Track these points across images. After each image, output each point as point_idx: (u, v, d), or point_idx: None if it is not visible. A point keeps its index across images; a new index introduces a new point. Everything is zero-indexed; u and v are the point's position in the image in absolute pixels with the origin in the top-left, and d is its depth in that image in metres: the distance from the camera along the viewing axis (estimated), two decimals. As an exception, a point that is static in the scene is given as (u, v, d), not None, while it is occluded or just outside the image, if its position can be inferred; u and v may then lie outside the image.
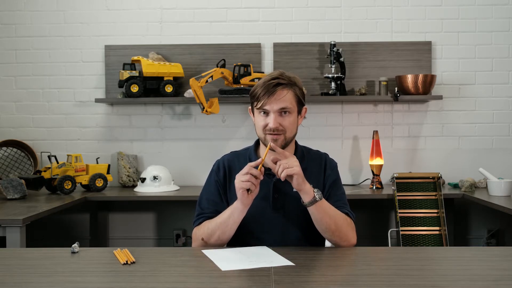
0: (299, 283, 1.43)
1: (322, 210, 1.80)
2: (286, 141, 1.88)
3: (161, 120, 3.87)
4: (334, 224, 1.82)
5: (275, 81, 1.85)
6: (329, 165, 1.99)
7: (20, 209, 2.78)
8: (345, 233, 1.85)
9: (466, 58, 3.83)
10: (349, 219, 1.90)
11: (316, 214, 1.80)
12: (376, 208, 3.81)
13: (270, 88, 1.84)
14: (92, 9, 3.84)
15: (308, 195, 1.78)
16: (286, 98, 1.85)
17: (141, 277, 1.49)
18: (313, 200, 1.78)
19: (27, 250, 1.88)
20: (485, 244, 3.78)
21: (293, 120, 1.89)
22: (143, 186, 3.53)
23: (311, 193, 1.78)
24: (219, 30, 3.84)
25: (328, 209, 1.82)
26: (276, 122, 1.85)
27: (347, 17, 3.84)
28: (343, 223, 1.85)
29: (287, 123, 1.86)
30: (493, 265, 1.63)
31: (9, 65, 3.85)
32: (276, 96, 1.84)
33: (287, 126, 1.86)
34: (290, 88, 1.87)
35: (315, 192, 1.79)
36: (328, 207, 1.83)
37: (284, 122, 1.86)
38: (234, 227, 1.85)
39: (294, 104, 1.88)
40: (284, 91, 1.85)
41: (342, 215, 1.87)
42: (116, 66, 3.77)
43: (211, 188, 1.99)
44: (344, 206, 1.93)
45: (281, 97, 1.84)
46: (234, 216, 1.83)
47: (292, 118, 1.88)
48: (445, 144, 3.85)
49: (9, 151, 3.69)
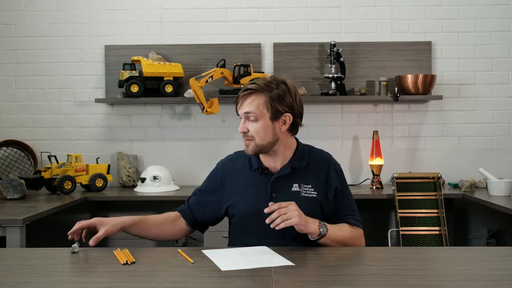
0: (299, 283, 1.43)
1: (330, 240, 1.83)
2: (258, 147, 1.89)
3: (161, 120, 3.87)
4: (344, 244, 1.87)
5: (248, 86, 1.88)
6: (334, 168, 1.99)
7: (20, 209, 2.78)
8: (355, 245, 1.90)
9: (466, 58, 3.83)
10: (357, 230, 1.93)
11: (325, 244, 1.84)
12: (376, 208, 3.81)
13: (240, 93, 1.89)
14: (92, 9, 3.84)
15: (314, 233, 1.80)
16: (252, 104, 1.86)
17: (141, 277, 1.49)
18: (320, 237, 1.81)
19: (27, 250, 1.87)
20: (485, 244, 3.78)
21: (261, 126, 1.86)
22: (143, 186, 3.53)
23: (317, 231, 1.80)
24: (219, 30, 3.84)
25: (335, 236, 1.84)
26: (243, 126, 1.89)
27: (347, 17, 3.84)
28: (352, 240, 1.89)
29: (253, 129, 1.87)
30: (493, 265, 1.63)
31: (9, 65, 3.85)
32: (243, 100, 1.88)
33: (253, 131, 1.87)
34: (262, 94, 1.86)
35: (320, 227, 1.80)
36: (335, 233, 1.85)
37: (250, 128, 1.88)
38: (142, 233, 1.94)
39: (261, 110, 1.86)
40: (251, 97, 1.87)
41: (349, 232, 1.90)
42: (116, 66, 3.77)
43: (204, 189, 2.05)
44: (352, 215, 1.96)
45: (246, 103, 1.87)
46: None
47: (259, 124, 1.87)
48: (445, 144, 3.85)
49: (9, 151, 3.69)
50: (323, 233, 1.80)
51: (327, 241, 1.82)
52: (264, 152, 1.91)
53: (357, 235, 1.92)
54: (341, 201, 1.95)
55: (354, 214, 1.96)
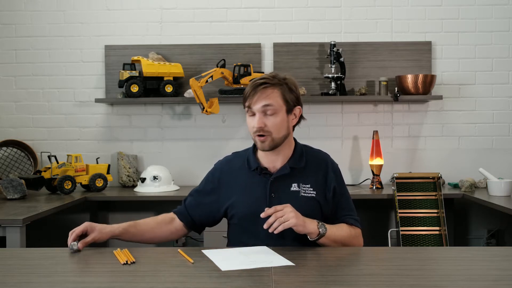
0: (299, 283, 1.43)
1: (329, 241, 1.83)
2: (275, 142, 1.88)
3: (161, 120, 3.87)
4: (343, 244, 1.88)
5: (261, 81, 1.87)
6: (332, 167, 1.99)
7: (20, 209, 2.78)
8: (353, 245, 1.91)
9: (466, 58, 3.83)
10: (355, 229, 1.94)
11: (324, 244, 1.84)
12: (376, 208, 3.81)
13: (255, 87, 1.86)
14: (92, 9, 3.84)
15: (313, 233, 1.80)
16: (271, 96, 1.86)
17: (141, 277, 1.49)
18: (319, 237, 1.80)
19: (27, 250, 1.88)
20: (485, 244, 3.78)
21: (280, 120, 1.87)
22: (143, 186, 3.53)
23: (316, 231, 1.79)
24: (219, 30, 3.84)
25: (334, 236, 1.85)
26: (261, 121, 1.85)
27: (347, 17, 3.84)
28: (350, 240, 1.90)
29: (271, 123, 1.86)
30: (493, 265, 1.63)
31: (9, 65, 3.85)
32: (260, 94, 1.85)
33: (271, 126, 1.86)
34: (276, 87, 1.87)
35: (319, 227, 1.80)
36: (334, 233, 1.85)
37: (268, 122, 1.86)
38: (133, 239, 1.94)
39: (280, 103, 1.87)
40: (269, 90, 1.86)
41: (347, 231, 1.90)
42: (116, 66, 3.77)
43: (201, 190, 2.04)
44: (350, 215, 1.96)
45: (265, 96, 1.85)
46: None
47: (278, 118, 1.87)
48: (445, 144, 3.85)
49: (9, 151, 3.69)
50: (322, 233, 1.80)
51: (326, 241, 1.82)
52: (276, 148, 1.90)
53: (356, 234, 1.93)
54: (340, 201, 1.96)
55: (352, 214, 1.97)
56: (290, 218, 1.73)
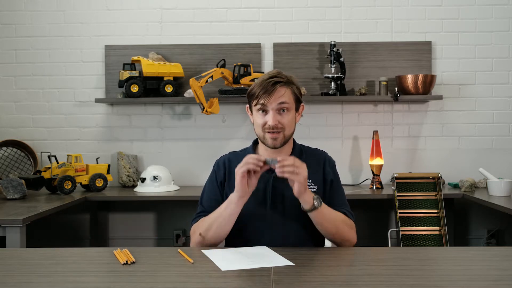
0: (299, 283, 1.43)
1: (321, 216, 1.82)
2: (285, 138, 1.92)
3: (161, 120, 3.87)
4: (335, 227, 1.85)
5: (274, 80, 1.89)
6: (328, 163, 2.02)
7: (20, 209, 2.78)
8: (346, 235, 1.88)
9: (466, 58, 3.83)
10: (349, 220, 1.92)
11: (316, 219, 1.83)
12: (376, 208, 3.81)
13: (269, 86, 1.87)
14: (92, 9, 3.84)
15: (308, 203, 1.79)
16: (286, 94, 1.90)
17: (141, 277, 1.49)
18: (313, 208, 1.79)
19: (27, 250, 1.87)
20: (485, 244, 3.78)
21: (292, 118, 1.92)
22: (143, 186, 3.53)
23: (311, 201, 1.79)
24: (219, 30, 3.84)
25: (328, 214, 1.84)
26: (275, 119, 1.88)
27: (347, 17, 3.84)
28: (343, 226, 1.87)
29: (286, 121, 1.90)
30: (493, 265, 1.63)
31: (9, 65, 3.85)
32: (275, 94, 1.88)
33: (285, 123, 1.90)
34: (288, 86, 1.91)
35: (314, 199, 1.80)
36: (328, 212, 1.84)
37: (283, 120, 1.89)
38: (231, 219, 1.84)
39: (292, 101, 1.92)
40: (283, 89, 1.90)
41: (342, 217, 1.89)
42: (116, 66, 3.77)
43: (212, 186, 2.01)
44: (343, 207, 1.96)
45: (280, 94, 1.88)
46: (230, 208, 1.82)
47: (290, 115, 1.91)
48: (445, 144, 3.85)
49: (9, 151, 3.69)
50: (317, 205, 1.79)
51: (318, 216, 1.81)
52: (285, 144, 1.93)
53: (350, 224, 1.91)
54: (335, 194, 1.97)
55: (346, 207, 1.97)
56: (301, 173, 1.74)
